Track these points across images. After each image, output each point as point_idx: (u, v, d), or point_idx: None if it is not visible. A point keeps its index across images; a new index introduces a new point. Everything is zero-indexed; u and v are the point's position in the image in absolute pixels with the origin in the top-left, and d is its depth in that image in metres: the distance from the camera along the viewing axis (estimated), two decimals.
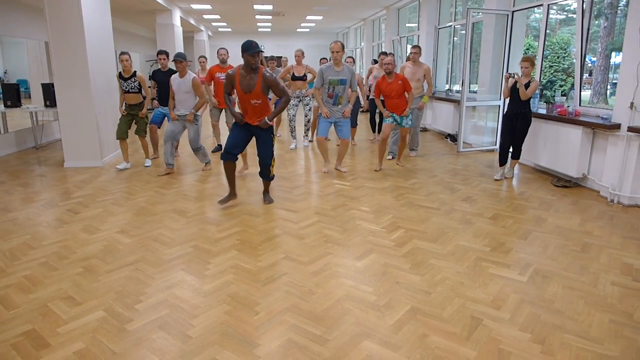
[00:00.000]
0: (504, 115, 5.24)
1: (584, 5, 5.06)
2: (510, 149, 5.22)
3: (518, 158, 5.24)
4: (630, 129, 4.20)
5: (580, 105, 5.28)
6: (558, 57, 13.14)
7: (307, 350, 2.11)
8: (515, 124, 5.03)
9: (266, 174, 4.27)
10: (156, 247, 3.34)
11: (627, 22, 4.32)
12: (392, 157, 6.34)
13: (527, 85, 4.82)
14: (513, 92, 4.94)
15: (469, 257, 3.15)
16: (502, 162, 5.26)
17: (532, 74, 4.91)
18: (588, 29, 5.19)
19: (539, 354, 2.08)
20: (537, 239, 3.49)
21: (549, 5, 5.71)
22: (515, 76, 4.88)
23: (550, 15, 4.82)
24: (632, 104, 4.22)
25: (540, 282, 2.78)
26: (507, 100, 5.10)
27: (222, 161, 4.12)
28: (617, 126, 4.38)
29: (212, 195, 4.65)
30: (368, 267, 2.99)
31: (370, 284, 2.75)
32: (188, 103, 5.23)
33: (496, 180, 5.21)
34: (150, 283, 2.77)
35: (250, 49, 3.75)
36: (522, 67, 4.85)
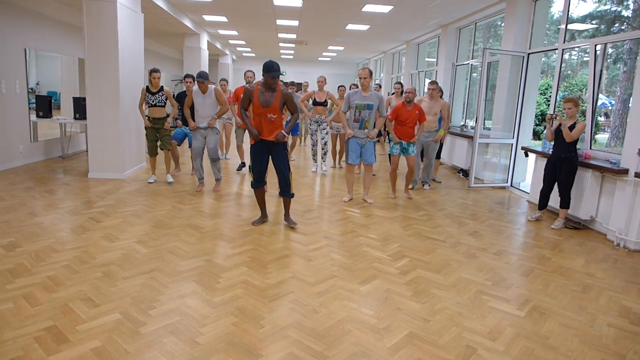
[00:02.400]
0: (547, 159, 5.10)
1: (597, 52, 5.24)
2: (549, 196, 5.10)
3: (567, 207, 4.91)
4: (637, 175, 4.29)
5: (590, 148, 5.38)
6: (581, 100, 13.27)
7: None
8: (560, 169, 4.86)
9: (287, 190, 4.37)
10: (171, 258, 3.52)
11: (638, 68, 4.46)
12: (423, 184, 6.62)
13: (572, 127, 4.72)
14: (557, 134, 4.85)
15: (470, 289, 3.24)
16: (541, 206, 5.18)
17: (577, 115, 4.77)
18: (600, 75, 5.35)
19: None
20: (539, 276, 3.56)
21: (563, 50, 5.90)
22: (559, 117, 4.78)
23: (572, 57, 4.99)
24: (639, 150, 4.33)
25: (538, 318, 2.86)
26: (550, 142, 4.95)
27: (252, 189, 4.40)
28: (625, 171, 4.47)
29: (227, 214, 4.84)
30: (371, 292, 3.11)
31: (371, 308, 2.87)
32: (212, 116, 5.49)
33: (529, 220, 5.20)
34: (164, 291, 2.93)
35: (271, 72, 3.99)
36: (565, 109, 4.78)
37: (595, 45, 5.22)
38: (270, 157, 4.37)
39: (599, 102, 15.62)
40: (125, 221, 4.41)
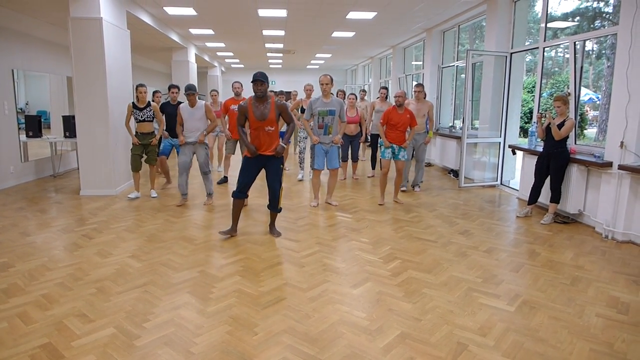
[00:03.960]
0: (538, 155, 5.21)
1: (577, 49, 5.35)
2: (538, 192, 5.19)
3: (557, 202, 5.01)
4: (620, 167, 4.37)
5: (576, 143, 5.47)
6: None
7: None
8: (549, 164, 4.99)
9: (275, 205, 4.42)
10: (164, 271, 3.54)
11: (615, 65, 4.57)
12: (414, 187, 6.71)
13: (562, 125, 4.83)
14: (548, 132, 4.97)
15: (461, 287, 3.29)
16: (531, 201, 5.27)
17: (566, 112, 4.89)
18: (581, 71, 5.45)
19: None
20: (528, 271, 3.62)
21: (544, 48, 6.02)
22: (548, 116, 4.90)
23: (559, 54, 5.08)
24: (622, 142, 4.42)
25: (527, 312, 2.91)
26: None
27: (232, 198, 4.36)
28: (609, 164, 4.55)
29: (219, 225, 4.87)
30: (363, 295, 3.15)
31: (364, 310, 2.91)
32: (200, 130, 5.47)
33: (517, 217, 5.27)
34: (158, 304, 2.96)
35: (253, 78, 4.08)
36: (555, 107, 4.90)
37: (575, 42, 5.33)
38: (265, 171, 4.39)
39: (587, 97, 15.88)
40: (118, 237, 4.43)
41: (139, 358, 2.33)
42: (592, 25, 11.91)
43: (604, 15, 11.34)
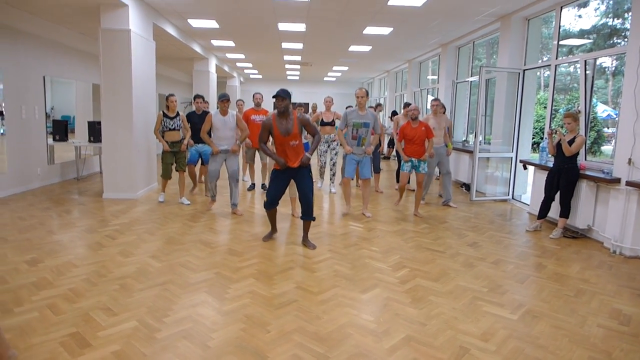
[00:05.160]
0: (549, 171, 5.29)
1: (587, 68, 5.45)
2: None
3: (566, 217, 5.07)
4: (628, 184, 4.45)
5: (586, 159, 5.54)
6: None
7: None
8: (559, 180, 5.07)
9: (309, 213, 4.47)
10: (183, 271, 3.73)
11: (624, 84, 4.66)
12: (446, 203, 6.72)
13: (572, 141, 4.90)
14: (558, 148, 5.04)
15: (466, 296, 3.40)
16: (541, 216, 5.35)
17: (577, 128, 4.95)
18: (592, 89, 5.54)
19: None
20: (534, 283, 3.71)
21: (556, 65, 6.13)
22: (558, 133, 5.00)
23: (577, 70, 5.14)
24: (630, 159, 4.50)
25: (530, 321, 3.01)
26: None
27: (265, 209, 4.55)
28: (617, 180, 4.63)
29: (235, 230, 5.06)
30: (371, 300, 3.28)
31: (371, 314, 3.04)
32: (233, 140, 5.65)
33: (527, 231, 5.35)
34: (177, 301, 3.14)
35: (275, 94, 4.23)
36: (565, 124, 5.00)
37: (585, 60, 5.43)
38: (295, 182, 4.52)
39: (605, 114, 15.80)
40: (139, 238, 4.65)
41: (159, 349, 2.51)
42: (609, 42, 11.93)
43: (620, 32, 11.38)
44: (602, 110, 15.86)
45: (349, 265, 4.02)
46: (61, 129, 8.02)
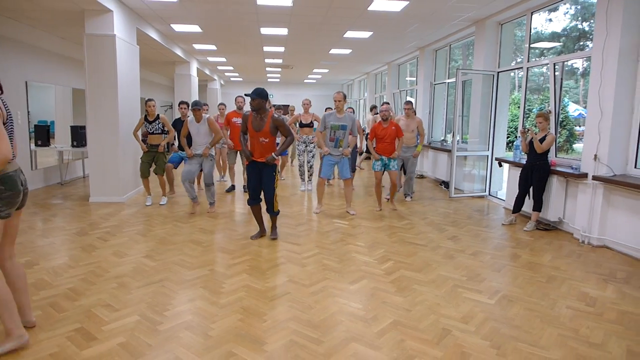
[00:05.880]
0: (522, 167, 5.59)
1: (556, 70, 5.78)
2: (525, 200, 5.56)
3: (539, 210, 5.39)
4: (594, 178, 4.77)
5: (556, 156, 5.88)
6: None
7: (305, 348, 2.60)
8: (532, 176, 5.38)
9: (271, 209, 4.76)
10: (178, 269, 3.87)
11: (590, 85, 5.00)
12: (405, 196, 7.07)
13: (543, 139, 5.23)
14: (531, 145, 5.35)
15: (448, 284, 3.64)
16: (515, 210, 5.66)
17: (547, 127, 5.28)
18: (561, 90, 5.88)
19: (494, 356, 2.56)
20: (509, 271, 3.98)
21: (527, 68, 6.47)
22: (530, 131, 5.35)
23: (550, 71, 5.47)
24: (595, 155, 4.83)
25: (506, 304, 3.27)
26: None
27: (249, 206, 4.76)
28: (585, 175, 4.95)
29: (224, 230, 5.20)
30: (359, 290, 3.49)
31: (360, 303, 3.25)
32: (206, 144, 5.81)
33: (503, 224, 5.65)
34: (175, 297, 3.28)
35: (247, 94, 4.54)
36: (537, 123, 5.34)
37: (554, 63, 5.77)
38: (260, 178, 4.73)
39: (577, 113, 16.42)
40: (131, 239, 4.75)
41: (163, 339, 2.66)
42: (578, 44, 12.46)
43: (589, 35, 11.91)
44: (573, 109, 16.48)
45: (336, 259, 4.22)
46: (43, 134, 8.00)
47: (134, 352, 2.51)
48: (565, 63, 5.83)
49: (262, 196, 4.78)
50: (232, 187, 7.69)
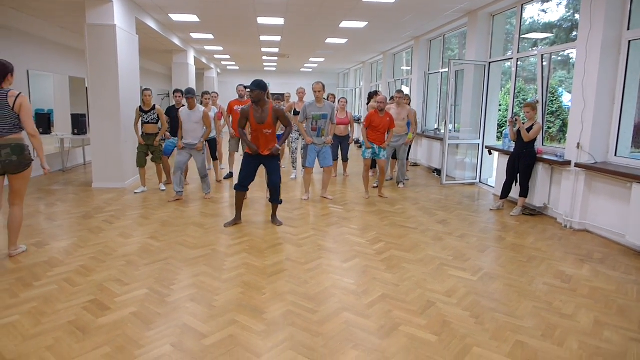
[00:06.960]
0: (510, 155, 5.82)
1: (544, 61, 6.00)
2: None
3: (525, 196, 5.64)
4: (577, 165, 5.02)
5: (543, 144, 6.12)
6: (549, 101, 14.18)
7: (301, 316, 2.85)
8: (519, 163, 5.62)
9: (276, 198, 4.94)
10: (181, 249, 4.10)
11: (574, 76, 5.22)
12: (398, 183, 7.35)
13: (530, 128, 5.44)
14: (518, 134, 5.56)
15: (434, 263, 3.90)
16: (503, 196, 5.92)
17: (535, 117, 5.50)
18: (548, 81, 6.11)
19: (472, 324, 2.82)
20: (493, 252, 4.25)
21: (517, 59, 6.68)
22: (518, 120, 5.57)
23: (544, 61, 5.60)
24: (578, 144, 5.07)
25: (487, 281, 3.53)
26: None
27: (235, 190, 4.89)
28: (568, 163, 5.20)
29: (223, 214, 5.44)
30: (352, 268, 3.74)
31: (352, 279, 3.50)
32: (196, 133, 5.91)
33: (491, 210, 5.91)
34: (180, 273, 3.53)
35: (246, 86, 4.63)
36: (525, 112, 5.56)
37: (542, 55, 5.98)
38: (264, 168, 4.92)
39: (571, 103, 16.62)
40: (135, 222, 4.98)
41: (171, 309, 2.90)
42: (571, 35, 12.65)
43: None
44: (568, 99, 16.73)
45: (331, 240, 4.47)
46: (45, 121, 8.16)
47: (145, 320, 2.75)
48: (561, 53, 6.03)
49: (249, 185, 4.89)
50: (230, 174, 7.90)
